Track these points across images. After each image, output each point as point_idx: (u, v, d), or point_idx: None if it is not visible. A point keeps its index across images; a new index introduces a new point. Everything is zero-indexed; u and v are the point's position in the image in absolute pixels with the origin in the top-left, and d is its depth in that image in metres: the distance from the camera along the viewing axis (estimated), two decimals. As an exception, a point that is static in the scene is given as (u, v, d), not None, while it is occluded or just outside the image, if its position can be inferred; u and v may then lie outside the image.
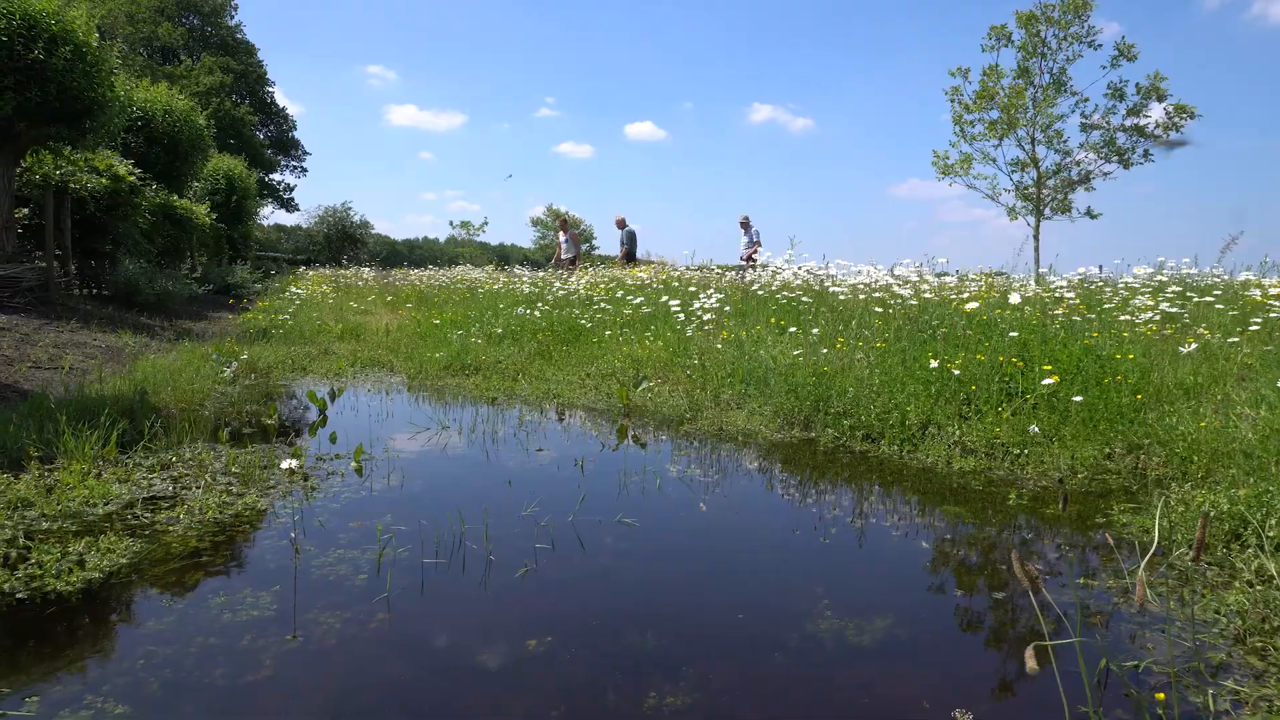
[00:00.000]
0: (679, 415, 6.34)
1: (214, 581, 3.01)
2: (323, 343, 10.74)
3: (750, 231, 15.52)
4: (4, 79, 9.87)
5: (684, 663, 2.47)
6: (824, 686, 2.40)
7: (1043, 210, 19.85)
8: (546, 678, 2.38)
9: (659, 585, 3.22)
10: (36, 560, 3.06)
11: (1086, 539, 3.68)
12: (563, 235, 17.69)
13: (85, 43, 10.70)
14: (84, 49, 10.66)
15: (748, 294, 9.86)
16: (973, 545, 3.64)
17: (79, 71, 10.55)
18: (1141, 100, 18.66)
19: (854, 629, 2.68)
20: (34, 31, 10.06)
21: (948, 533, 3.79)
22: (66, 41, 10.37)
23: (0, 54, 9.83)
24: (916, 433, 5.36)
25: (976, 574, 3.32)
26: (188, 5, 41.81)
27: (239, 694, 2.25)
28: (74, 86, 10.51)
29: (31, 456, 4.22)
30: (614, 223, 16.85)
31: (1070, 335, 6.18)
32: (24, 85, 10.04)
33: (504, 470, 4.80)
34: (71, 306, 10.99)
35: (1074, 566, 3.36)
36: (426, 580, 3.04)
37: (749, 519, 4.07)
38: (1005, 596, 3.05)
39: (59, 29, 10.34)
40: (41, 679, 2.32)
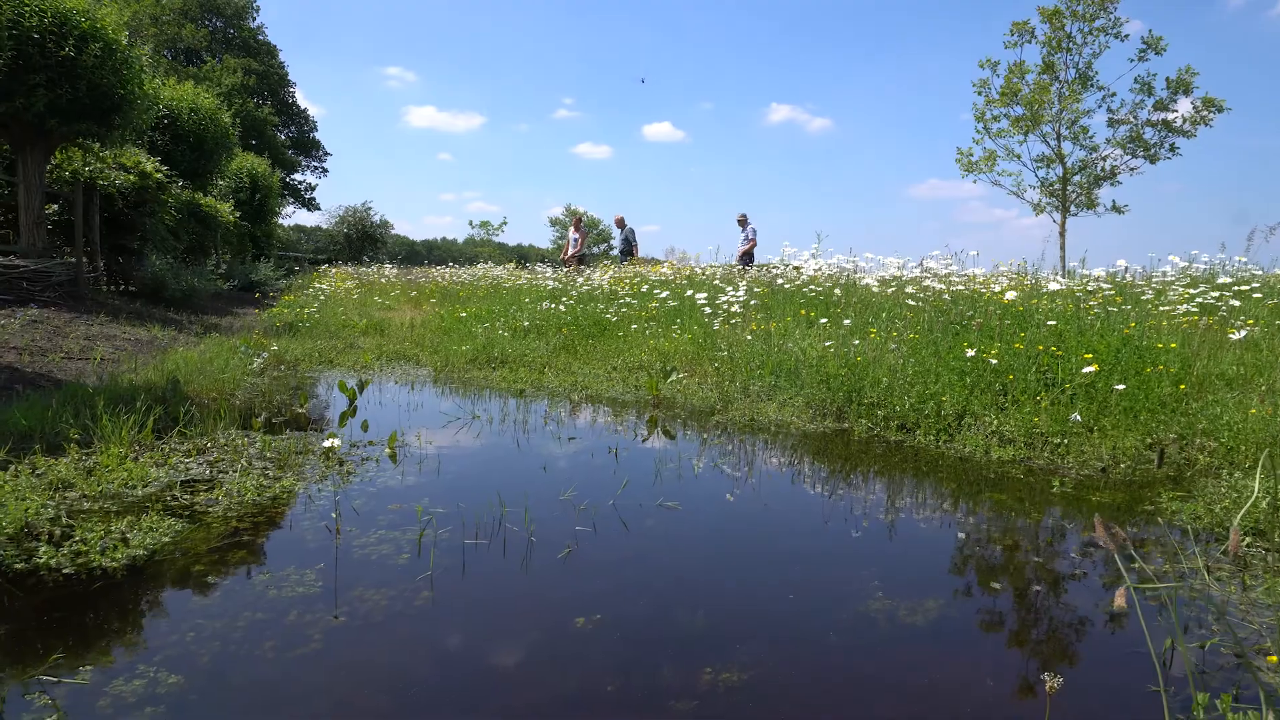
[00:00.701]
0: (709, 407, 6.30)
1: (257, 560, 3.00)
2: (348, 337, 10.77)
3: (747, 229, 15.60)
4: (36, 76, 9.96)
5: (737, 640, 2.43)
6: (882, 663, 2.35)
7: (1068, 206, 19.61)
8: (598, 654, 2.34)
9: (705, 567, 3.18)
10: (81, 538, 3.06)
11: (1138, 525, 3.61)
12: (573, 232, 17.77)
13: (115, 40, 10.79)
14: (113, 46, 10.74)
15: (774, 288, 9.80)
16: (1022, 529, 3.58)
17: (108, 68, 10.63)
18: (1170, 94, 18.39)
19: (907, 609, 2.63)
20: (65, 29, 10.15)
21: (994, 518, 3.72)
22: (97, 39, 10.46)
23: (32, 51, 9.91)
24: (952, 423, 5.29)
25: (1027, 556, 3.26)
26: (211, 7, 42.17)
27: (290, 666, 2.23)
28: (104, 83, 10.59)
29: (71, 440, 4.24)
30: (613, 222, 17.04)
31: (1107, 326, 6.09)
32: (55, 82, 10.13)
33: (537, 458, 4.78)
34: (100, 301, 11.08)
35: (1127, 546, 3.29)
36: (469, 560, 3.02)
37: (789, 505, 4.02)
38: (1059, 578, 2.99)
39: (89, 26, 10.42)
40: (93, 650, 2.31)
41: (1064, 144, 19.58)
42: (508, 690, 2.19)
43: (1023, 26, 19.46)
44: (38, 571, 2.78)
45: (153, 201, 13.39)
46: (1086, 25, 18.68)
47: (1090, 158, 19.44)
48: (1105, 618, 2.66)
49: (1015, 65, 19.59)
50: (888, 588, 2.81)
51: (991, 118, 20.01)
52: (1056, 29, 18.92)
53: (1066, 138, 19.52)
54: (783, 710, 2.09)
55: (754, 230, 15.56)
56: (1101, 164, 19.39)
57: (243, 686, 2.15)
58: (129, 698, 2.03)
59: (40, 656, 2.19)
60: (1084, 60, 19.06)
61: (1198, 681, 2.18)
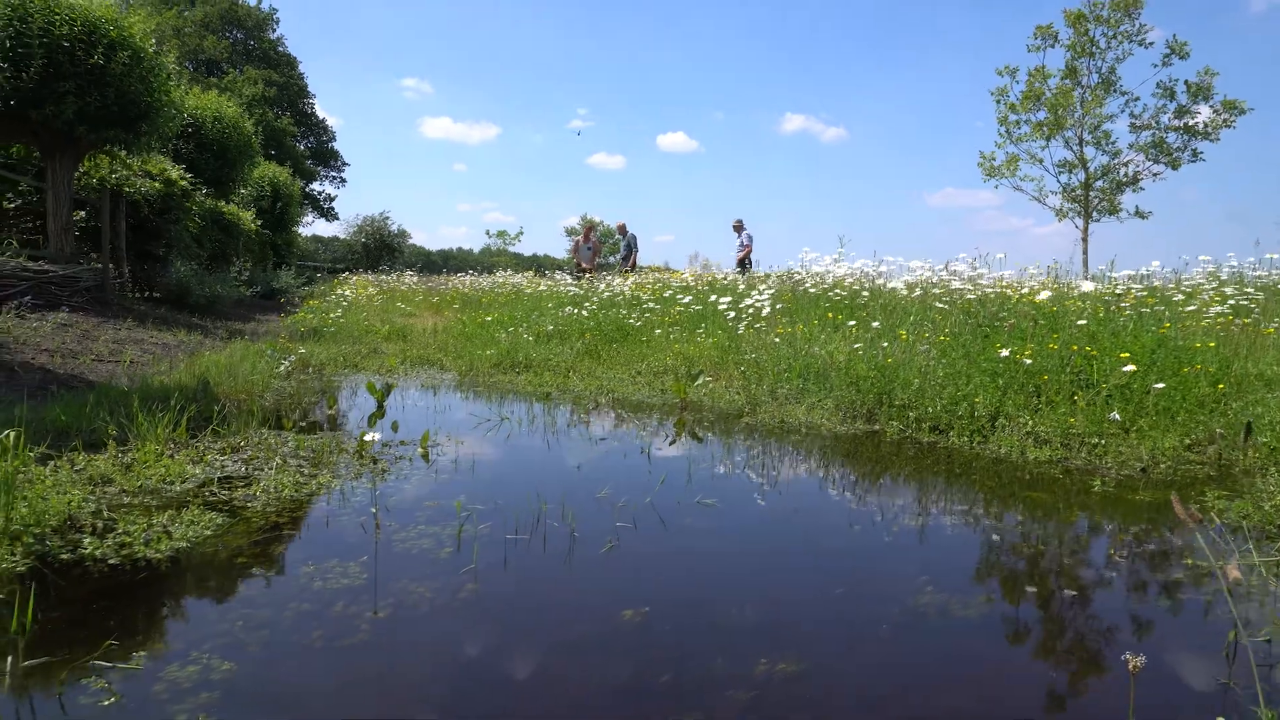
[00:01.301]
0: (737, 409, 6.27)
1: (299, 552, 2.99)
2: (371, 342, 10.81)
3: (742, 234, 15.69)
4: (65, 84, 10.08)
5: (788, 633, 2.40)
6: (942, 653, 2.32)
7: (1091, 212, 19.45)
8: (648, 646, 2.32)
9: (749, 561, 3.15)
10: (123, 530, 3.06)
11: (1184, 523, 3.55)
12: (585, 241, 17.91)
13: (142, 48, 10.91)
14: (141, 54, 10.87)
15: (796, 292, 9.77)
16: (1068, 526, 3.53)
17: (136, 76, 10.75)
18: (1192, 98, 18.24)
19: (961, 602, 2.59)
20: (94, 37, 10.28)
21: (1039, 516, 3.67)
22: (125, 47, 10.58)
23: (62, 60, 10.05)
24: (986, 424, 5.24)
25: (1079, 551, 3.21)
26: (232, 19, 42.69)
27: (340, 655, 2.21)
28: (131, 91, 10.71)
29: (109, 436, 4.26)
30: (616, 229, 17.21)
31: (1140, 326, 6.02)
32: (84, 90, 10.24)
33: (570, 458, 4.76)
34: (126, 306, 11.18)
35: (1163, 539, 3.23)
36: (511, 555, 3.00)
37: (827, 503, 3.99)
38: (1113, 572, 2.94)
39: (118, 35, 10.55)
40: (144, 637, 2.31)
41: (1086, 149, 19.49)
42: (562, 679, 2.17)
43: (1046, 30, 19.37)
44: (83, 562, 2.79)
45: (178, 209, 13.52)
46: (1110, 30, 18.58)
47: (1113, 163, 19.31)
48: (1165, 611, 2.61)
49: (1037, 70, 19.50)
50: (938, 582, 2.77)
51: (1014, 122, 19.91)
52: (1080, 33, 18.82)
53: (1089, 142, 19.42)
54: (844, 699, 2.06)
55: (749, 236, 15.69)
56: (1124, 169, 19.26)
57: (295, 675, 2.14)
58: (184, 683, 2.02)
59: (92, 643, 2.19)
60: (1107, 65, 18.97)
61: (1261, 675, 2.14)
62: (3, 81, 9.87)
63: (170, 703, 1.94)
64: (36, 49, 9.83)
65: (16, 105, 10.00)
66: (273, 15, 44.91)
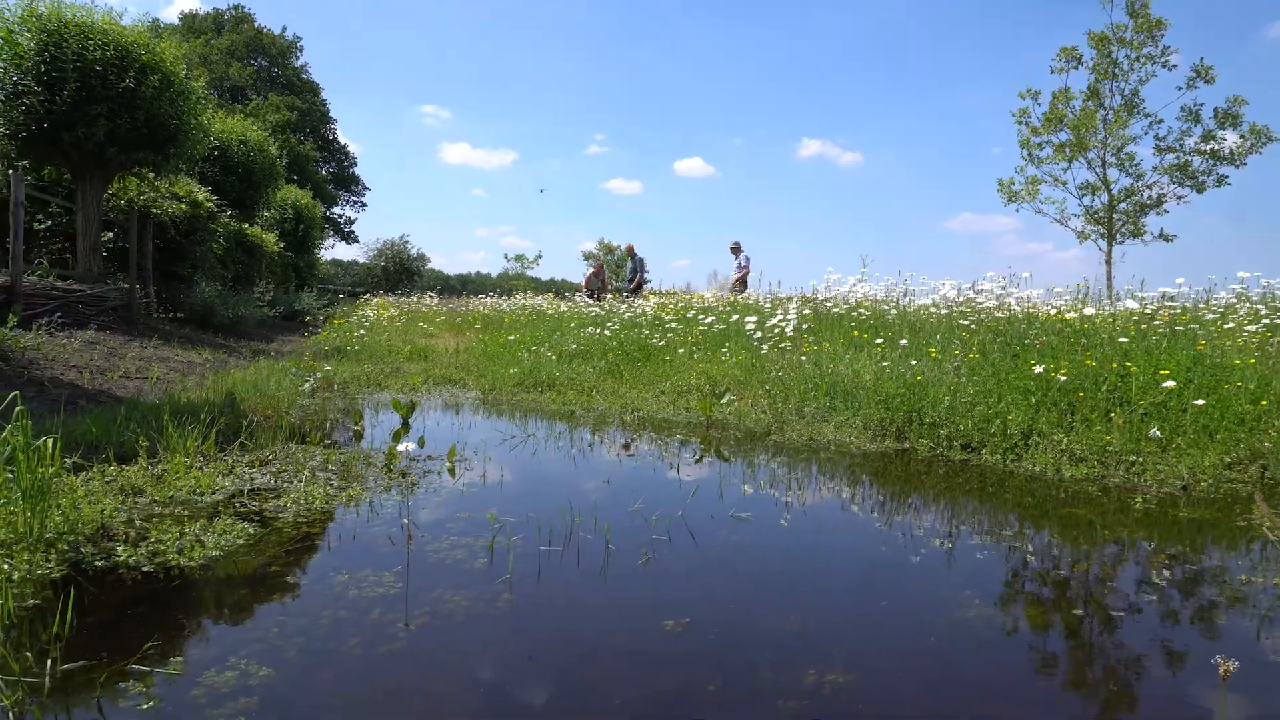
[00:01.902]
0: (763, 428, 6.21)
1: (332, 562, 2.96)
2: (394, 362, 10.83)
3: (740, 256, 15.76)
4: (97, 107, 10.25)
5: (834, 644, 2.34)
6: (996, 666, 2.25)
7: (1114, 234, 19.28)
8: (693, 654, 2.26)
9: (789, 574, 3.09)
10: (156, 539, 3.05)
11: (1231, 539, 3.46)
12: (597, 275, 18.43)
13: (173, 72, 11.09)
14: (171, 78, 11.04)
15: (819, 312, 9.72)
16: (1113, 540, 3.44)
17: (166, 99, 10.92)
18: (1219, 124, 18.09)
19: (1011, 615, 2.52)
20: (126, 61, 10.45)
21: (1081, 531, 3.59)
22: (156, 71, 10.76)
23: (95, 83, 10.22)
24: (1019, 442, 5.16)
25: (1124, 568, 3.13)
26: (257, 47, 43.45)
27: (378, 662, 2.17)
28: (161, 114, 10.87)
29: (139, 447, 4.26)
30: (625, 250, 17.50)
31: (1174, 344, 5.93)
32: (115, 113, 10.40)
33: (599, 473, 4.72)
34: (151, 326, 11.27)
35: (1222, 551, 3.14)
36: (545, 566, 2.95)
37: (863, 518, 3.92)
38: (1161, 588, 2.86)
39: (149, 59, 10.73)
40: (181, 642, 2.28)
41: (1109, 170, 19.32)
42: (607, 687, 2.12)
43: (1070, 52, 19.29)
44: (117, 569, 2.77)
45: (203, 230, 13.68)
46: (1134, 52, 18.50)
47: (1136, 185, 19.12)
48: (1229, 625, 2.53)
49: (1060, 91, 19.43)
50: (984, 595, 2.71)
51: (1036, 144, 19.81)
52: (1103, 55, 18.74)
53: (1112, 164, 19.26)
54: (897, 711, 1.99)
55: (747, 258, 15.77)
56: (1148, 192, 19.07)
57: (333, 681, 2.10)
58: (222, 688, 1.99)
59: (129, 648, 2.16)
60: (1130, 87, 18.87)
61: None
62: (36, 105, 10.06)
63: (209, 707, 1.90)
64: (70, 73, 10.01)
65: (50, 128, 10.18)
66: (296, 43, 45.69)
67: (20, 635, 2.23)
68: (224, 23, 44.52)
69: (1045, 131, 19.58)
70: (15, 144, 10.49)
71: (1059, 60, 19.49)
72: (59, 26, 10.12)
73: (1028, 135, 19.93)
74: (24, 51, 9.98)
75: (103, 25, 10.45)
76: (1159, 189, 18.92)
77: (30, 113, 10.09)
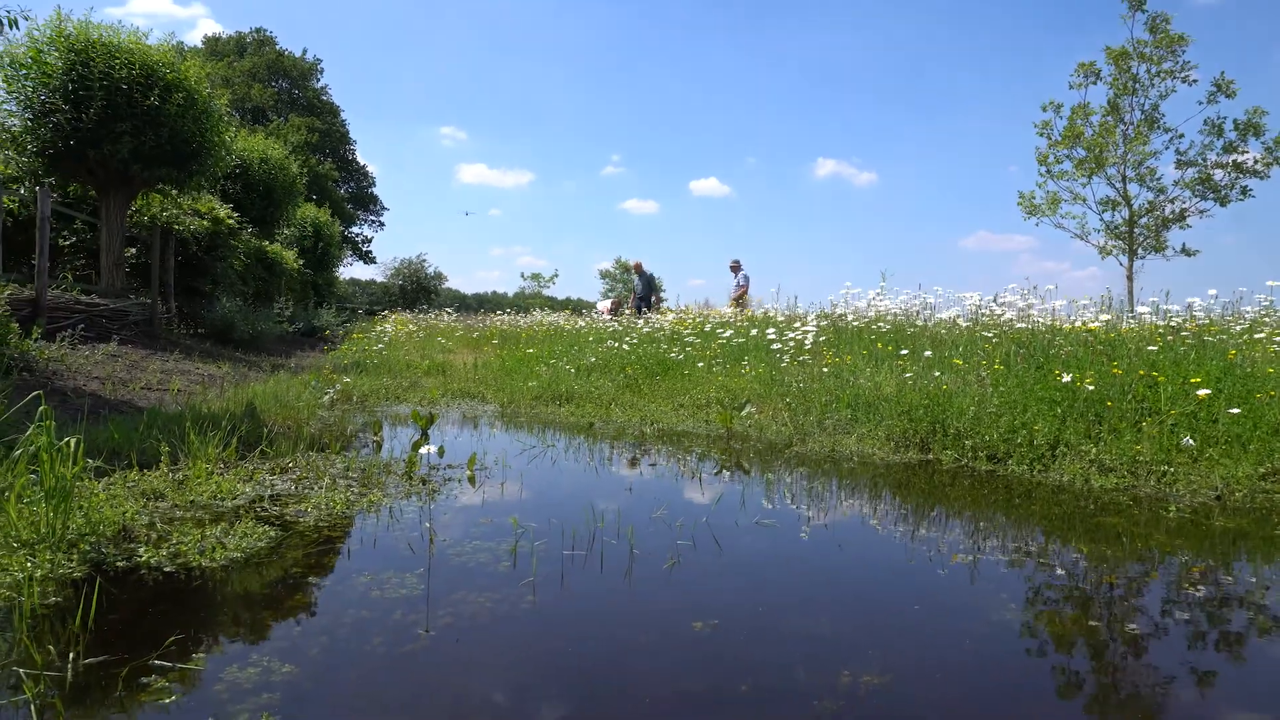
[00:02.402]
0: (785, 440, 6.15)
1: (355, 564, 2.93)
2: (412, 376, 10.85)
3: (739, 274, 15.77)
4: (122, 124, 10.38)
5: (867, 646, 2.28)
6: (1038, 671, 2.18)
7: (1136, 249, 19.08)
8: (723, 654, 2.21)
9: (816, 578, 3.03)
10: (177, 541, 3.03)
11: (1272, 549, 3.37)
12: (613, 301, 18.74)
13: (196, 90, 11.24)
14: (195, 96, 11.19)
15: (838, 326, 9.66)
16: (1150, 548, 3.36)
17: (190, 117, 11.05)
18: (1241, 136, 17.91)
19: (1048, 620, 2.45)
20: (151, 79, 10.60)
21: (1117, 539, 3.51)
22: (180, 89, 10.90)
23: (120, 101, 10.36)
24: (1045, 452, 5.07)
25: (1164, 576, 3.05)
26: (278, 70, 44.07)
27: (402, 660, 2.13)
28: (185, 131, 11.00)
29: (161, 453, 4.26)
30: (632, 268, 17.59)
31: (1202, 354, 5.84)
32: (140, 130, 10.54)
33: (620, 482, 4.68)
34: (173, 340, 11.36)
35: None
36: (570, 570, 2.91)
37: (890, 526, 3.85)
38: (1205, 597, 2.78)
39: (173, 78, 10.87)
40: (203, 639, 2.25)
41: (1130, 186, 19.14)
42: (636, 686, 2.07)
43: (1089, 68, 19.17)
44: (138, 570, 2.75)
45: (224, 247, 13.80)
46: (1154, 67, 18.37)
47: (1158, 200, 18.92)
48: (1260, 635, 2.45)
49: (1079, 107, 19.30)
50: (1018, 600, 2.64)
51: (1054, 160, 19.68)
52: (1123, 70, 18.62)
53: (1133, 179, 19.07)
54: (934, 712, 1.93)
55: (746, 276, 15.79)
56: (1169, 206, 18.88)
57: (357, 679, 2.06)
58: (244, 684, 1.96)
59: (152, 643, 2.13)
60: (1150, 102, 18.72)
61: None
62: (64, 122, 10.21)
63: (231, 703, 1.87)
64: (97, 91, 10.16)
65: (76, 145, 10.32)
66: (317, 65, 46.31)
67: (42, 631, 2.21)
68: (246, 45, 45.23)
69: (1064, 147, 19.45)
70: (43, 161, 10.65)
71: (1077, 76, 19.39)
72: (86, 46, 10.28)
73: (1047, 151, 19.82)
74: (52, 70, 10.14)
75: (129, 45, 10.61)
76: (1180, 203, 18.75)
77: (58, 130, 10.25)
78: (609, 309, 18.91)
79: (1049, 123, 19.79)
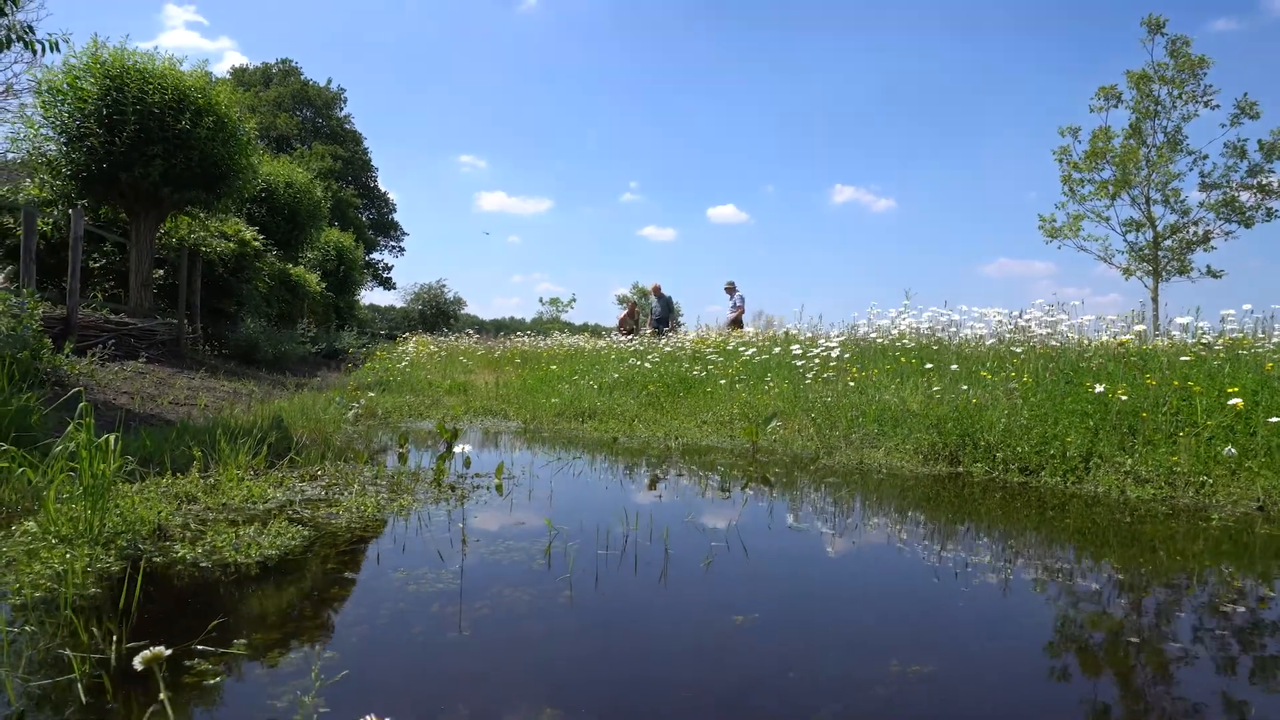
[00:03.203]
0: (811, 454, 6.10)
1: (389, 562, 2.92)
2: (433, 395, 10.89)
3: (735, 296, 15.78)
4: (154, 148, 10.58)
5: (917, 637, 2.24)
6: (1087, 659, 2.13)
7: (1160, 271, 18.90)
8: (767, 645, 2.18)
9: (858, 576, 2.99)
10: (212, 539, 3.03)
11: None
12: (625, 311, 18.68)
13: (226, 115, 11.44)
14: (225, 120, 11.39)
15: (861, 345, 9.62)
16: (1198, 553, 3.29)
17: (219, 141, 11.24)
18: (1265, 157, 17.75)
19: (1097, 618, 2.40)
20: (182, 104, 10.81)
21: (1163, 545, 3.44)
22: (211, 113, 11.11)
23: (153, 125, 10.57)
24: (1079, 464, 5.00)
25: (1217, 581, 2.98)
26: (303, 99, 44.84)
27: (443, 648, 2.12)
28: (214, 154, 11.19)
29: (193, 457, 4.28)
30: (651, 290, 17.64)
31: (1237, 368, 5.76)
32: (171, 153, 10.73)
33: (648, 491, 4.65)
34: (198, 359, 11.47)
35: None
36: (604, 569, 2.89)
37: (924, 532, 3.80)
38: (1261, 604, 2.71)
39: (204, 102, 11.08)
40: (242, 627, 2.24)
41: (1154, 207, 18.98)
42: (680, 673, 2.04)
43: (1110, 91, 19.13)
44: (175, 565, 2.75)
45: (249, 269, 13.97)
46: (1175, 90, 18.28)
47: (1182, 222, 18.76)
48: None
49: (1101, 130, 19.24)
50: (1067, 596, 2.58)
51: (1077, 181, 19.56)
52: (1144, 94, 18.54)
53: (1157, 201, 18.92)
54: (985, 697, 1.89)
55: (742, 297, 15.83)
56: (1194, 228, 18.71)
57: (398, 663, 2.04)
58: (287, 668, 1.95)
59: (191, 633, 2.13)
60: (1173, 124, 18.61)
61: None
62: (97, 145, 10.41)
63: (273, 684, 1.86)
64: (130, 115, 10.37)
65: (109, 168, 10.52)
66: (341, 94, 47.07)
67: (85, 619, 2.21)
68: (272, 76, 46.07)
69: (1086, 169, 19.35)
70: (75, 185, 10.85)
71: (1098, 99, 19.32)
72: (121, 72, 10.51)
73: (1069, 172, 19.71)
74: (87, 96, 10.37)
75: (163, 70, 10.83)
76: (1205, 225, 18.55)
77: (91, 154, 10.45)
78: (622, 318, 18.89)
79: (1067, 148, 19.73)
